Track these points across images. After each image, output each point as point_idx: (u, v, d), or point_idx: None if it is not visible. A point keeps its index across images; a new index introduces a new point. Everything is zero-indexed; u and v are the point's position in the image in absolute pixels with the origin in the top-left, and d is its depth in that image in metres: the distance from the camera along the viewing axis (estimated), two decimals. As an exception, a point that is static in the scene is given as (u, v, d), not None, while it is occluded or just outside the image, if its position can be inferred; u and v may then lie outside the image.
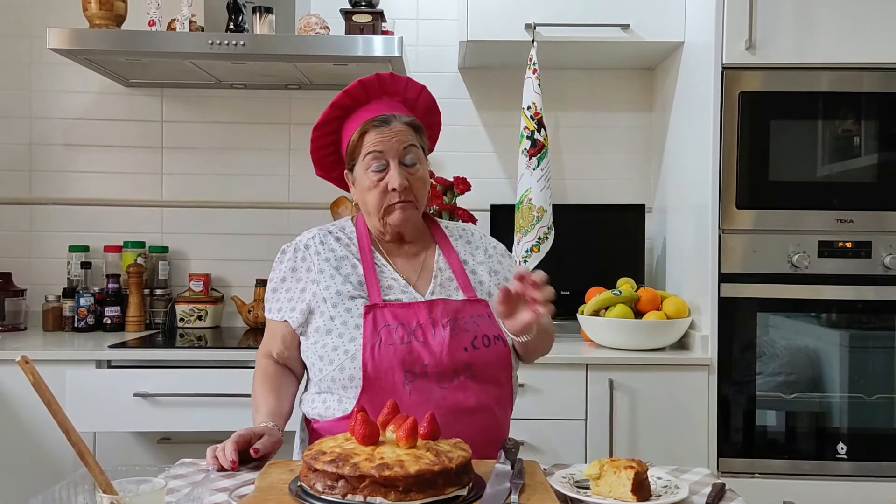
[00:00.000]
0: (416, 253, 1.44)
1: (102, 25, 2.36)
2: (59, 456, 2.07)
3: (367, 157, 1.37)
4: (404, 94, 1.45)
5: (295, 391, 1.43)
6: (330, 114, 1.42)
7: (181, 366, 2.11)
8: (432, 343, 1.29)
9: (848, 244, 2.13)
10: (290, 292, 1.39)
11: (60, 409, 0.85)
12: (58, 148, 2.76)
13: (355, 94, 1.41)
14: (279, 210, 2.78)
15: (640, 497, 1.00)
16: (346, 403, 1.30)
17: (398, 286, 1.37)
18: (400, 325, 1.30)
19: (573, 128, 2.80)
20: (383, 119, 1.37)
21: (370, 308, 1.31)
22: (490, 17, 2.38)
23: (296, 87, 2.74)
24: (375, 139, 1.36)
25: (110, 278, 2.58)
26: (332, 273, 1.36)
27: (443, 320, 1.31)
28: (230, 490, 1.05)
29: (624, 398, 2.12)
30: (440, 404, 1.25)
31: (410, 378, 1.27)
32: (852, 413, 2.15)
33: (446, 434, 1.07)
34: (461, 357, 1.29)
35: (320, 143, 1.45)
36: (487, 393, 1.31)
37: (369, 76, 1.41)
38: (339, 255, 1.39)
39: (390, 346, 1.28)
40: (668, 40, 2.41)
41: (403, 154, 1.37)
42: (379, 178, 1.36)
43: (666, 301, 2.24)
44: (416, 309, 1.32)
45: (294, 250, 1.42)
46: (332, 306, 1.33)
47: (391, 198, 1.36)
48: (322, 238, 1.42)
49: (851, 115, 2.15)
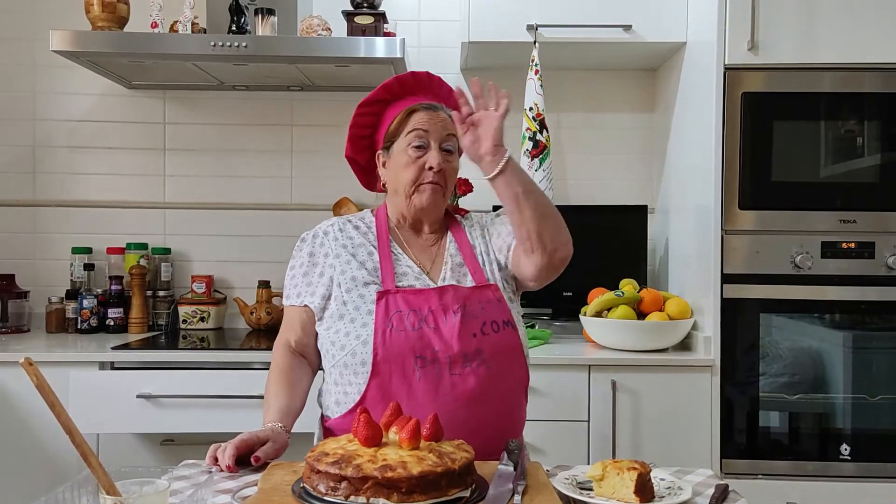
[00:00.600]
0: (432, 243, 1.47)
1: (105, 27, 2.36)
2: (62, 457, 2.07)
3: (410, 133, 1.42)
4: (447, 100, 1.50)
5: (309, 383, 1.43)
6: (377, 94, 1.48)
7: (184, 367, 2.12)
8: (443, 329, 1.30)
9: (851, 245, 2.13)
10: (309, 277, 1.41)
11: (64, 411, 0.85)
12: (61, 150, 2.76)
13: (405, 81, 1.48)
14: (281, 211, 2.79)
15: (643, 498, 1.00)
16: (359, 389, 1.31)
17: (412, 273, 1.39)
18: (412, 312, 1.31)
19: (575, 129, 2.80)
20: (431, 105, 1.45)
21: (382, 294, 1.33)
22: (492, 18, 2.38)
23: (298, 88, 2.74)
24: (422, 118, 1.42)
25: (113, 280, 2.59)
26: (348, 259, 1.39)
27: (453, 306, 1.33)
28: (233, 491, 1.05)
29: (627, 399, 2.12)
30: (449, 391, 1.27)
31: (421, 364, 1.28)
32: (856, 414, 2.14)
33: (458, 421, 1.07)
34: (471, 343, 1.30)
35: (360, 121, 1.50)
36: (498, 380, 1.31)
37: (421, 72, 1.50)
38: (357, 242, 1.42)
39: (401, 331, 1.29)
40: (670, 41, 2.41)
41: (445, 139, 1.43)
42: (418, 155, 1.41)
43: (668, 302, 2.24)
44: (428, 295, 1.34)
45: (313, 237, 1.46)
46: (346, 291, 1.35)
47: (426, 176, 1.41)
48: (341, 226, 1.46)
49: (854, 115, 2.14)
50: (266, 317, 2.62)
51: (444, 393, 1.26)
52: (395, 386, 1.28)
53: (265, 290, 2.65)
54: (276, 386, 1.37)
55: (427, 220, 1.47)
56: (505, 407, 1.33)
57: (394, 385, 1.28)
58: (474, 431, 1.23)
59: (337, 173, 2.75)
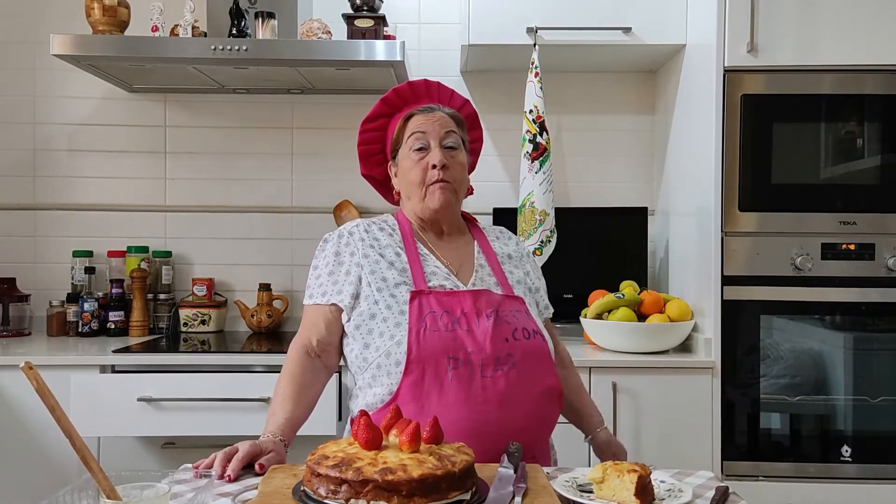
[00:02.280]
0: (457, 246, 1.49)
1: (106, 31, 2.37)
2: (63, 461, 2.07)
3: (410, 138, 1.44)
4: (449, 102, 1.53)
5: (322, 385, 1.41)
6: (378, 109, 1.51)
7: (185, 370, 2.11)
8: (476, 332, 1.31)
9: (851, 246, 2.13)
10: (335, 276, 1.41)
11: (64, 415, 0.85)
12: (62, 153, 2.77)
13: (403, 93, 1.50)
14: (282, 214, 2.79)
15: (643, 501, 1.00)
16: (391, 389, 1.30)
17: (441, 273, 1.40)
18: (445, 313, 1.32)
19: (575, 131, 2.81)
20: (427, 107, 1.48)
21: (416, 294, 1.33)
22: (492, 20, 2.38)
23: (298, 91, 2.74)
24: (419, 121, 1.45)
25: (114, 283, 2.59)
26: (376, 259, 1.39)
27: (487, 310, 1.34)
28: (233, 495, 1.05)
29: (627, 401, 2.12)
30: (480, 393, 1.27)
31: (454, 365, 1.28)
32: (857, 415, 2.14)
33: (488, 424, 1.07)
34: (503, 347, 1.31)
35: (366, 137, 1.54)
36: (528, 384, 1.32)
37: (418, 80, 1.53)
38: (384, 243, 1.43)
39: (435, 332, 1.30)
40: (669, 43, 2.42)
41: (445, 137, 1.44)
42: (420, 156, 1.43)
43: (669, 304, 2.24)
44: (461, 298, 1.34)
45: (338, 236, 1.46)
46: (377, 290, 1.36)
47: (431, 176, 1.42)
48: (366, 227, 1.47)
49: (854, 117, 2.14)
50: (267, 320, 2.62)
51: (476, 394, 1.27)
52: (427, 386, 1.27)
53: (266, 293, 2.65)
54: (284, 392, 1.35)
55: (444, 221, 1.48)
56: (535, 411, 1.32)
57: (426, 385, 1.27)
58: (504, 435, 1.24)
59: (338, 176, 2.76)
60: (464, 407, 1.25)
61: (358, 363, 1.38)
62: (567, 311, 2.54)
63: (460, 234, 1.51)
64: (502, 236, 1.57)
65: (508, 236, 1.59)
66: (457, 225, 1.51)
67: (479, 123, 1.61)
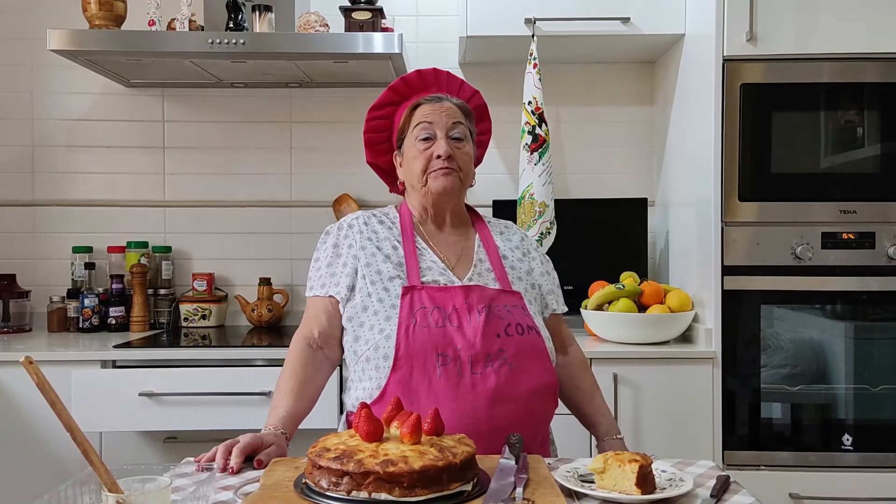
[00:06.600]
0: (457, 239, 1.48)
1: (102, 26, 2.36)
2: (64, 456, 2.08)
3: (416, 127, 1.43)
4: (458, 92, 1.52)
5: (325, 378, 1.41)
6: (385, 97, 1.50)
7: (186, 365, 2.12)
8: (466, 328, 1.30)
9: (851, 235, 2.13)
10: (333, 267, 1.41)
11: (65, 409, 0.85)
12: (60, 149, 2.76)
13: (411, 81, 1.49)
14: (281, 209, 2.79)
15: (644, 490, 1.00)
16: (379, 384, 1.30)
17: (437, 268, 1.39)
18: (436, 309, 1.32)
19: (574, 122, 2.80)
20: (435, 97, 1.47)
21: (408, 290, 1.33)
22: (490, 12, 2.38)
23: (296, 85, 2.74)
24: (426, 111, 1.44)
25: (114, 279, 2.59)
26: (373, 251, 1.40)
27: (478, 306, 1.33)
28: (235, 488, 1.05)
29: (628, 392, 2.12)
30: (469, 389, 1.26)
31: (442, 361, 1.28)
32: (857, 404, 2.15)
33: (478, 421, 1.07)
34: (494, 344, 1.30)
35: (372, 125, 1.53)
36: (521, 381, 1.30)
37: (427, 69, 1.52)
38: (382, 235, 1.43)
39: (425, 328, 1.29)
40: (668, 33, 2.41)
41: (451, 128, 1.43)
42: (426, 146, 1.42)
43: (669, 295, 2.24)
44: (453, 293, 1.34)
45: (338, 229, 1.46)
46: (371, 283, 1.36)
47: (434, 164, 1.41)
48: (366, 219, 1.47)
49: (854, 105, 2.14)
50: (267, 314, 2.62)
51: (465, 391, 1.26)
52: (416, 382, 1.27)
53: (266, 288, 2.65)
54: (286, 385, 1.35)
55: (448, 209, 1.47)
56: (527, 408, 1.31)
57: (414, 381, 1.27)
58: (495, 431, 1.23)
59: (337, 170, 2.75)
60: (453, 404, 1.25)
61: (349, 356, 1.38)
62: (567, 303, 2.53)
63: (462, 226, 1.50)
64: (507, 231, 1.56)
65: (514, 230, 1.57)
66: (460, 216, 1.50)
67: (489, 115, 1.60)
